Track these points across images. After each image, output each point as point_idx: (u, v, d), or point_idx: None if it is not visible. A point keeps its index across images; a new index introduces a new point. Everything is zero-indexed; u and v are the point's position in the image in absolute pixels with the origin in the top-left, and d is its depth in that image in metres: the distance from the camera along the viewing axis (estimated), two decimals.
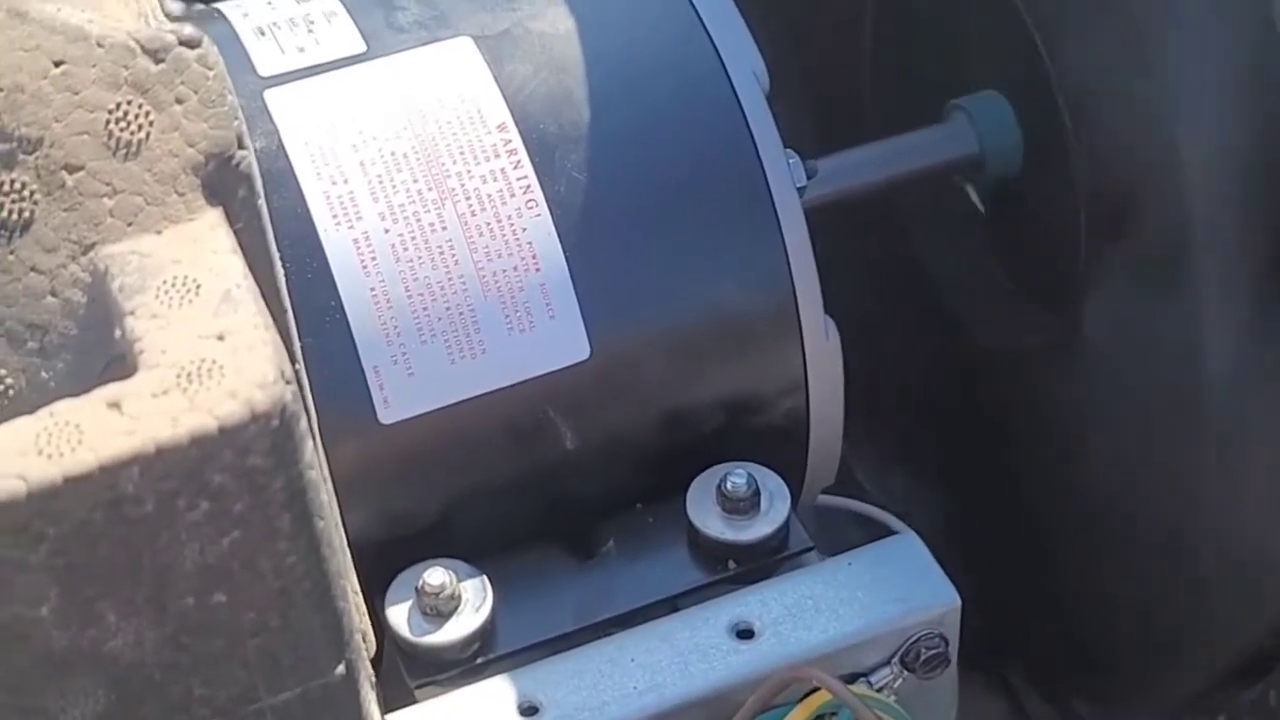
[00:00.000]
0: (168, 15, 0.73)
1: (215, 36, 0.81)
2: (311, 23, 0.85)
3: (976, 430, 1.05)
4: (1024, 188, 0.97)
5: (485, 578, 0.81)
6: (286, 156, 0.81)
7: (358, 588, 0.75)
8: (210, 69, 0.64)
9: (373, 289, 0.80)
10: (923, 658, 0.80)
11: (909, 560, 0.82)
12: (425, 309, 0.80)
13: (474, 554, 0.82)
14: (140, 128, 0.63)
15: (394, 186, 0.81)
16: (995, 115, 0.97)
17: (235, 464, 0.59)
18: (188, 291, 0.61)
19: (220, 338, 0.60)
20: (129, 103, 0.63)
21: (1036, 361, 0.97)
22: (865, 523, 0.97)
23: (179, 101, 0.64)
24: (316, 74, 0.83)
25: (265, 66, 0.83)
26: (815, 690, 0.77)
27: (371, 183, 0.81)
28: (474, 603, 0.81)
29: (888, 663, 0.80)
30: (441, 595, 0.80)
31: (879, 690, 0.80)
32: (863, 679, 0.80)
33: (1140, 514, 0.93)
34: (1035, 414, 0.99)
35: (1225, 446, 0.87)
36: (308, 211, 0.80)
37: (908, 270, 1.06)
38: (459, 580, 0.80)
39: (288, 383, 0.60)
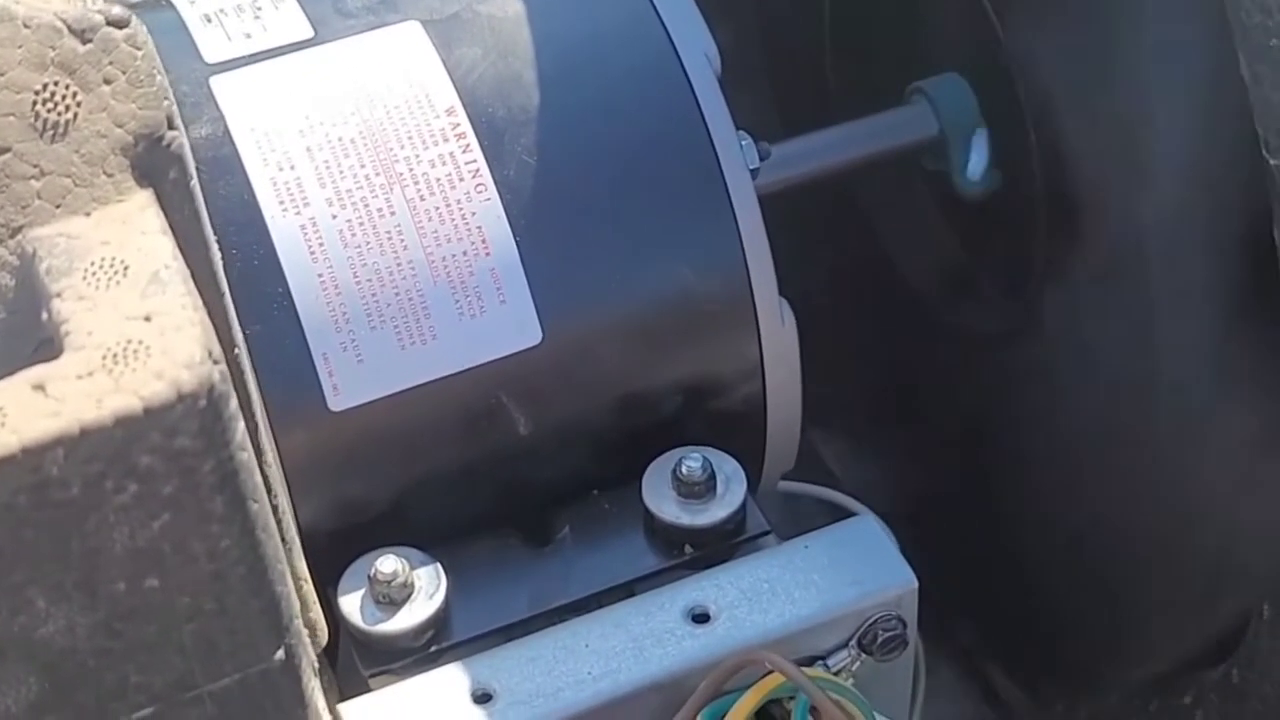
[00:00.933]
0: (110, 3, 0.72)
1: (161, 23, 0.82)
2: (259, 9, 0.84)
3: (942, 415, 1.04)
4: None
5: (439, 565, 0.80)
6: (232, 142, 0.80)
7: (305, 575, 0.74)
8: (139, 49, 0.63)
9: (321, 275, 0.79)
10: (880, 640, 0.79)
11: (866, 542, 0.81)
12: (374, 295, 0.80)
13: (427, 542, 0.81)
14: (68, 108, 0.63)
15: (341, 172, 0.81)
16: (955, 97, 0.96)
17: (163, 445, 0.59)
18: (115, 273, 0.61)
19: (147, 319, 0.60)
20: (56, 83, 0.63)
21: (999, 345, 0.97)
22: (830, 508, 0.96)
23: (107, 82, 0.63)
24: (263, 60, 0.83)
25: (211, 53, 0.83)
26: (770, 673, 0.76)
27: (319, 168, 0.81)
28: (427, 590, 0.80)
29: (845, 645, 0.80)
30: (394, 583, 0.79)
31: (837, 673, 0.79)
32: (820, 662, 0.79)
33: (1101, 499, 0.92)
34: (999, 400, 0.98)
35: (1181, 439, 0.87)
36: (254, 198, 0.80)
37: (872, 253, 1.05)
38: (412, 568, 0.80)
39: (216, 363, 0.59)
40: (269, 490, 0.68)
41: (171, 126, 0.64)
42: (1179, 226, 0.84)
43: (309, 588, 0.74)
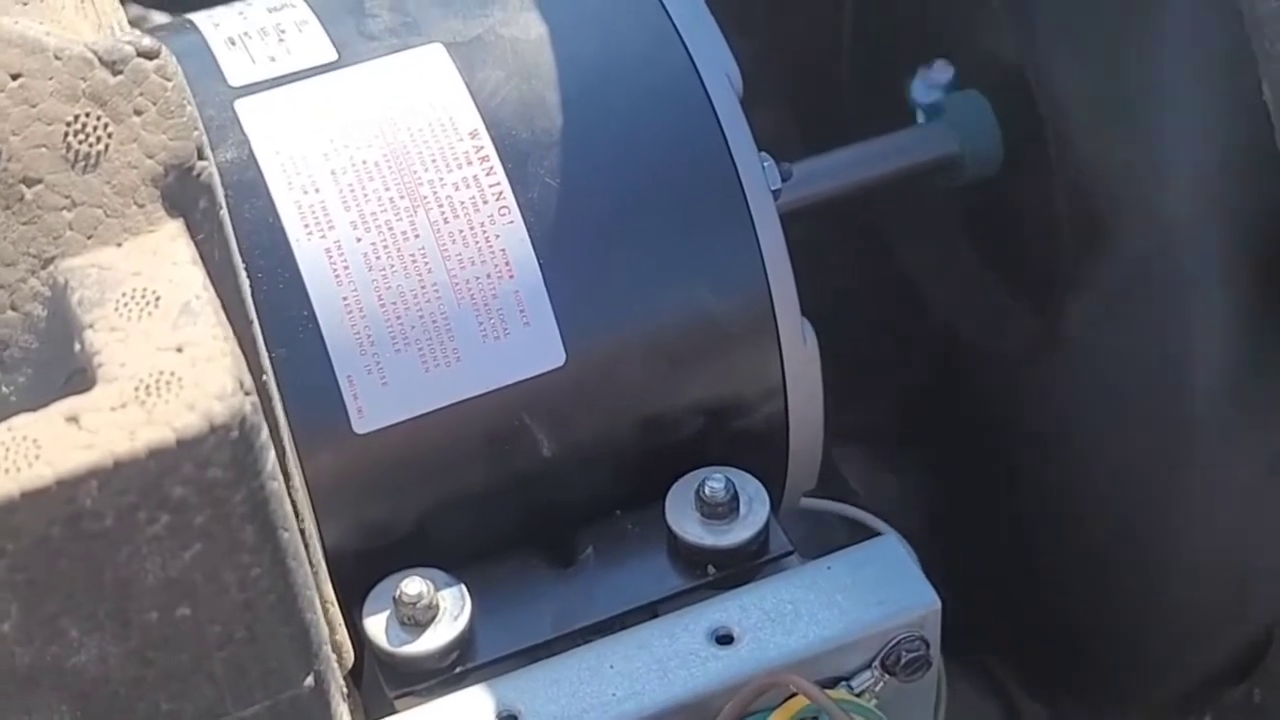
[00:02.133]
0: (135, 25, 0.72)
1: (186, 47, 0.82)
2: (283, 32, 0.85)
3: (964, 432, 1.05)
4: (1005, 187, 0.96)
5: (463, 586, 0.81)
6: (257, 166, 0.81)
7: (332, 598, 0.74)
8: (169, 80, 0.64)
9: (345, 298, 0.80)
10: (903, 660, 0.80)
11: (889, 562, 0.81)
12: (399, 318, 0.80)
13: (452, 563, 0.81)
14: (99, 139, 0.63)
15: (366, 195, 0.81)
16: (975, 115, 0.96)
17: (195, 476, 0.59)
18: (147, 304, 0.61)
19: (179, 350, 0.60)
20: (87, 115, 0.63)
21: (1021, 361, 0.97)
22: (853, 525, 0.97)
23: (138, 113, 0.63)
24: (287, 83, 0.83)
25: (236, 76, 0.83)
26: (794, 695, 0.76)
27: (343, 191, 0.81)
28: (452, 612, 0.80)
29: (869, 666, 0.80)
30: (419, 605, 0.79)
31: (860, 694, 0.79)
32: (843, 683, 0.79)
33: (1122, 516, 0.92)
34: (1021, 414, 0.99)
35: (1205, 454, 0.87)
36: (279, 221, 0.80)
37: (892, 271, 1.05)
38: (437, 589, 0.80)
39: (247, 394, 0.59)
40: (296, 515, 0.68)
41: (201, 157, 0.64)
42: (1195, 242, 0.85)
43: (335, 610, 0.75)
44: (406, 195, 0.81)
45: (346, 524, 0.81)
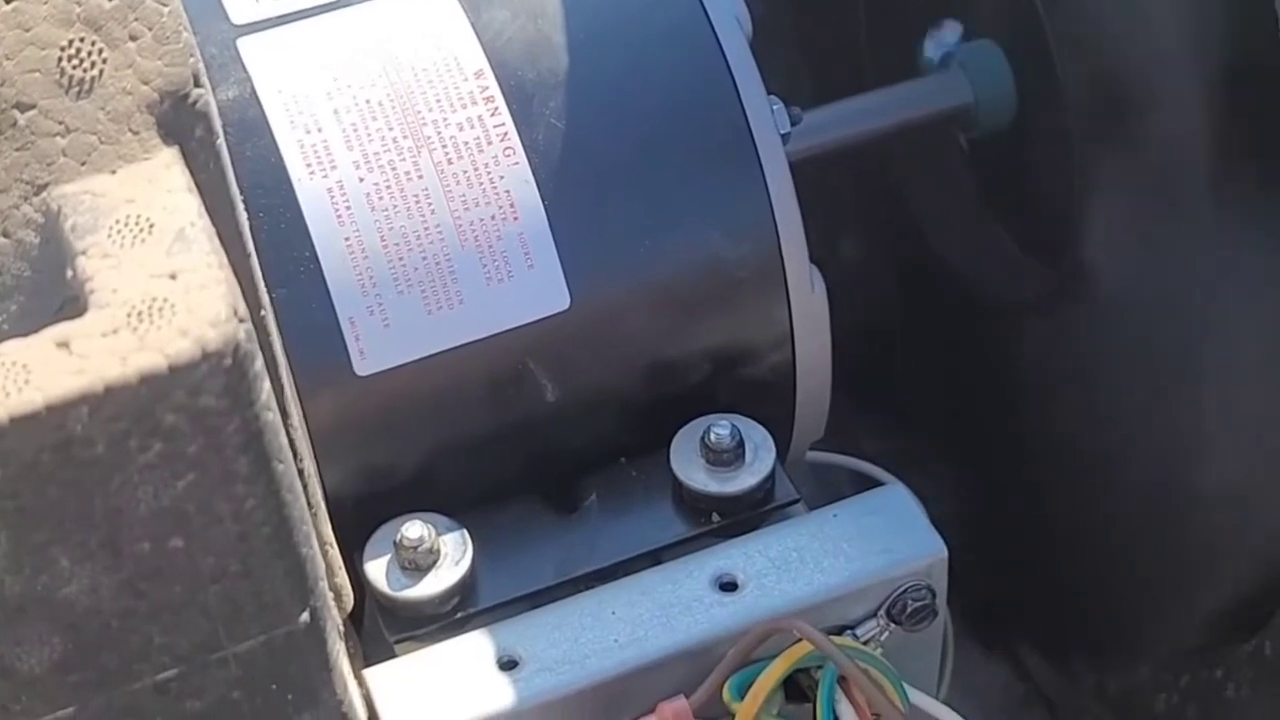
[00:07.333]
0: None
1: None
2: None
3: (974, 386, 1.04)
4: (1017, 136, 0.95)
5: (465, 531, 0.80)
6: (259, 105, 0.80)
7: (331, 540, 0.74)
8: (165, 5, 0.63)
9: (347, 239, 0.79)
10: (909, 609, 0.79)
11: (895, 511, 0.81)
12: (401, 259, 0.79)
13: (454, 508, 0.81)
14: (93, 65, 0.62)
15: (369, 135, 0.80)
16: (989, 64, 0.95)
17: (188, 404, 0.58)
18: (140, 231, 0.60)
19: (173, 276, 0.59)
20: (81, 40, 0.62)
21: (1032, 314, 0.96)
22: (859, 479, 0.96)
23: (133, 38, 0.63)
24: (290, 21, 0.82)
25: (239, 14, 0.82)
26: (798, 642, 0.75)
27: (346, 131, 0.80)
28: (453, 557, 0.80)
29: (874, 615, 0.79)
30: (420, 549, 0.79)
31: (865, 643, 0.78)
32: (849, 631, 0.79)
33: (1133, 466, 0.91)
34: (1031, 368, 0.98)
35: (1222, 379, 0.85)
36: (281, 160, 0.79)
37: (904, 224, 1.04)
38: (438, 534, 0.79)
39: (241, 321, 0.58)
40: (295, 454, 0.67)
41: (198, 84, 0.63)
42: (1207, 145, 0.83)
43: (335, 552, 0.74)
44: (410, 135, 0.80)
45: (347, 467, 0.80)
